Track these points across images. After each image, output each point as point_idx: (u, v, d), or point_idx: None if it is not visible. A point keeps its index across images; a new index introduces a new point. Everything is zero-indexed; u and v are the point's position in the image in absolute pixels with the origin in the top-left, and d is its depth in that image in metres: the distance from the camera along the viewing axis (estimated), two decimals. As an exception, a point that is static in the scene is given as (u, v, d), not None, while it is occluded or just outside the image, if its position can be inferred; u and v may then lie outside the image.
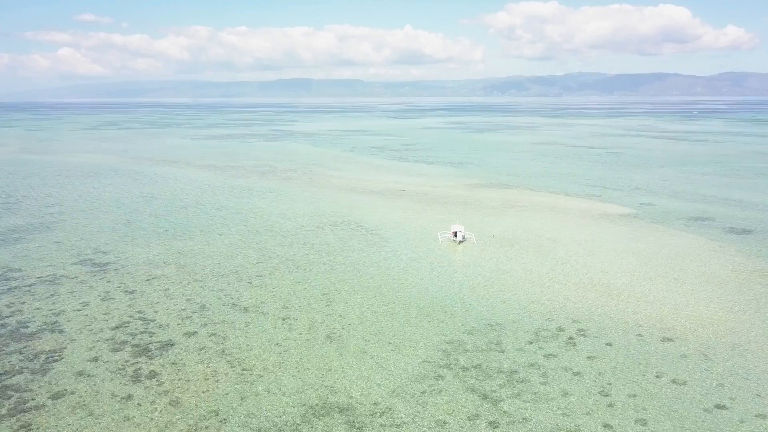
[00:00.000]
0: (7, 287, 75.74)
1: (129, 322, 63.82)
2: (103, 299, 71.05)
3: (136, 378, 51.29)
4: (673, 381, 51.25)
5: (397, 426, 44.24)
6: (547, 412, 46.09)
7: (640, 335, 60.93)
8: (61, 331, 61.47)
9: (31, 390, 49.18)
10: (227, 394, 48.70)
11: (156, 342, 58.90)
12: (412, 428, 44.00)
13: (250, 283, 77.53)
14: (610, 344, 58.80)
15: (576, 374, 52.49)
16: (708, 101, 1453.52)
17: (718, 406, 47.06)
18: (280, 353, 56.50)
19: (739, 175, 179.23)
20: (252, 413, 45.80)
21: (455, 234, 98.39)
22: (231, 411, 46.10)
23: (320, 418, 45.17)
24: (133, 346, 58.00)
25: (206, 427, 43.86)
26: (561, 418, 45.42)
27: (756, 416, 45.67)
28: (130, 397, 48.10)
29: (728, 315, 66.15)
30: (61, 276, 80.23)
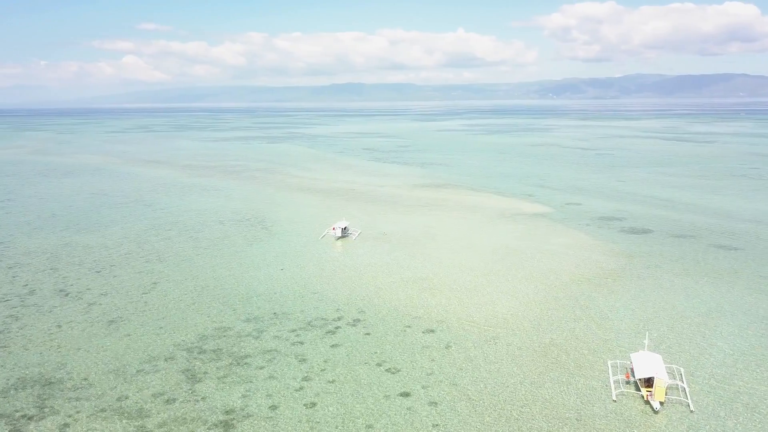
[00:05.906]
0: None
1: (-51, 304, 69.36)
2: (-50, 283, 77.14)
3: None
4: (388, 370, 52.36)
5: (81, 399, 47.33)
6: (233, 393, 48.18)
7: (408, 327, 61.91)
8: None
9: None
10: (-39, 366, 53.02)
11: (-48, 321, 64.04)
12: (92, 402, 47.04)
13: (99, 272, 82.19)
14: (368, 334, 60.14)
15: (301, 360, 54.25)
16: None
17: (403, 394, 48.02)
18: (51, 333, 60.57)
19: (707, 177, 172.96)
20: (-37, 384, 49.89)
21: (334, 229, 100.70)
22: (-53, 381, 50.34)
23: (18, 390, 48.80)
24: (-70, 324, 63.30)
25: None
26: (238, 399, 47.48)
27: (428, 404, 46.45)
28: None
29: (516, 311, 66.09)
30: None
